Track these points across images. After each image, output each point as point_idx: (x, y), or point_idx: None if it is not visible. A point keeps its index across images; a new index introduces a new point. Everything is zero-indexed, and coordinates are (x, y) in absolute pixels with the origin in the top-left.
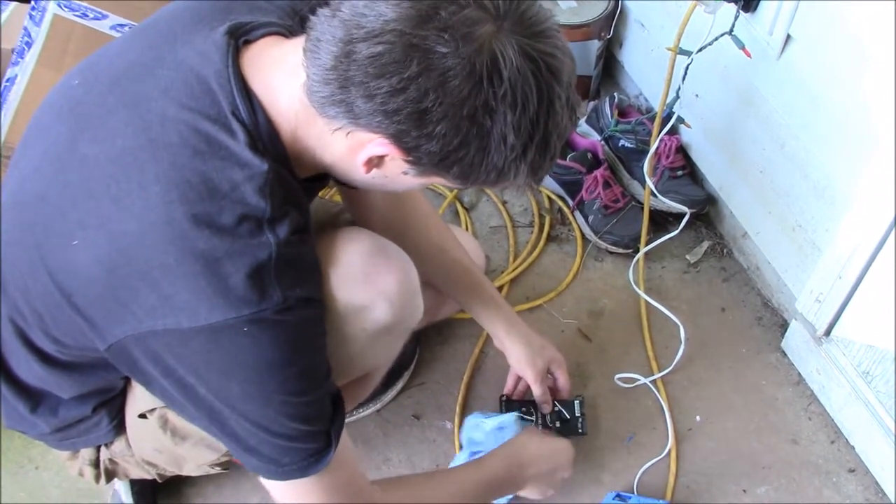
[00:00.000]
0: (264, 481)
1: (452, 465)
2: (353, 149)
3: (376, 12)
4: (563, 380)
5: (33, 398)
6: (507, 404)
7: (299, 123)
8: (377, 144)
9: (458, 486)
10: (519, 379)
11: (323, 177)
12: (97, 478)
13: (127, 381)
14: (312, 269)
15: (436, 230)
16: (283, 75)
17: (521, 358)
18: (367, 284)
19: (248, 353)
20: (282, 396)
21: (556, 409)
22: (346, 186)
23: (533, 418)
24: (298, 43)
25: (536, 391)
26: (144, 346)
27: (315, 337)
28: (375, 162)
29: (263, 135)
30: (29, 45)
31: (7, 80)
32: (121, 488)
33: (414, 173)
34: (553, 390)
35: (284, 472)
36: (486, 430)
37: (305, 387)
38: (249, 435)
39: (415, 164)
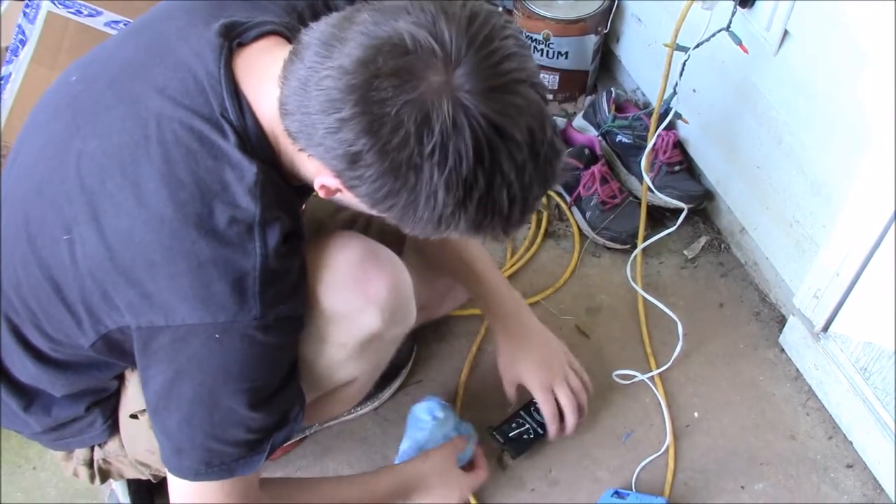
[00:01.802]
0: (170, 480)
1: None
2: (315, 171)
3: (345, 43)
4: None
5: (27, 396)
6: (498, 430)
7: (279, 134)
8: (327, 175)
9: (340, 496)
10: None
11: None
12: (91, 478)
13: (120, 381)
14: (298, 283)
15: None
16: (267, 85)
17: (503, 359)
18: (357, 291)
19: (212, 359)
20: (231, 405)
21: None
22: None
23: (526, 427)
24: (287, 51)
25: (545, 410)
26: (125, 336)
27: (282, 359)
28: (331, 190)
29: (252, 138)
30: (23, 42)
31: (1, 78)
32: (117, 488)
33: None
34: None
35: (210, 473)
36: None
37: (256, 401)
38: (184, 436)
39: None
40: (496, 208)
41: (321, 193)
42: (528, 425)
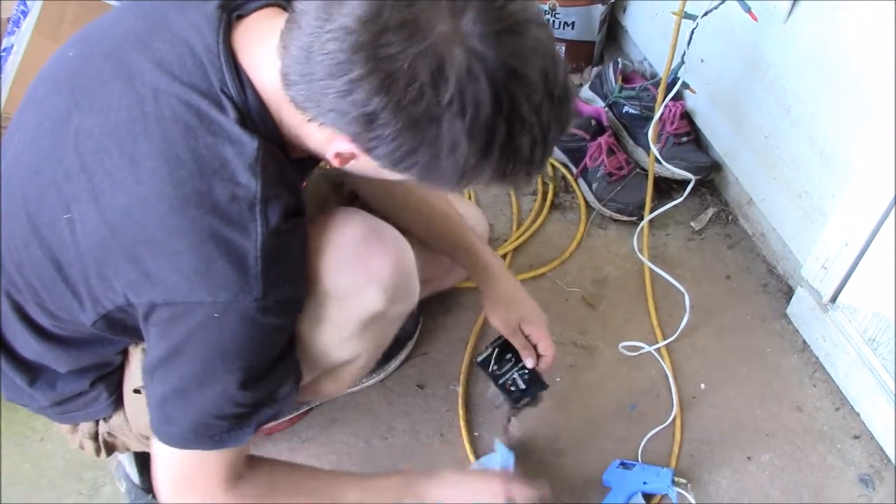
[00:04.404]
0: (156, 446)
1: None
2: (326, 140)
3: (343, 3)
4: (543, 343)
5: (31, 372)
6: (484, 363)
7: (282, 106)
8: (341, 140)
9: (335, 495)
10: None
11: (316, 157)
12: (97, 451)
13: (124, 356)
14: (301, 263)
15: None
16: (267, 56)
17: (493, 310)
18: (360, 269)
19: (209, 337)
20: (224, 383)
21: (512, 378)
22: None
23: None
24: (282, 21)
25: (514, 343)
26: (126, 314)
27: (278, 340)
28: (346, 156)
29: (253, 112)
30: (25, 13)
31: (4, 50)
32: (124, 459)
33: (385, 167)
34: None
35: (199, 443)
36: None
37: (249, 380)
38: (175, 407)
39: (379, 161)
40: (518, 153)
41: (335, 162)
42: (506, 377)
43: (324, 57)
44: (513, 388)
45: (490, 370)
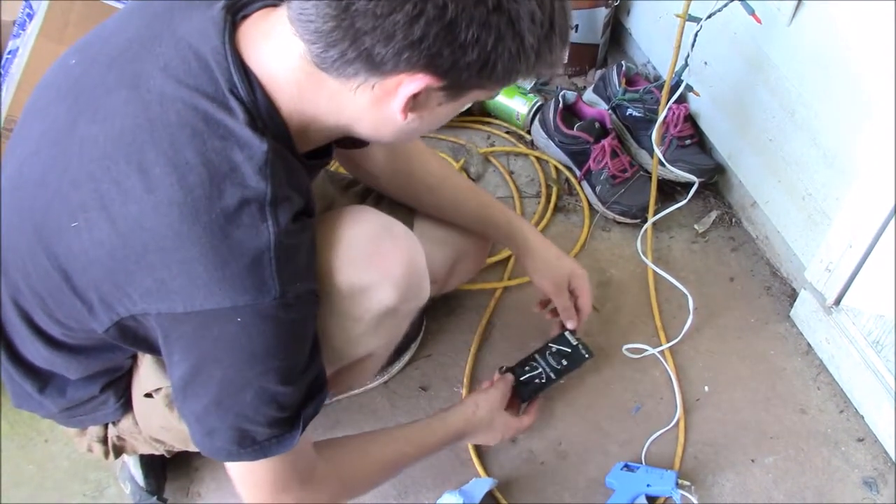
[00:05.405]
0: (229, 468)
1: None
2: (379, 100)
3: None
4: (584, 297)
5: (41, 379)
6: (511, 371)
7: (303, 93)
8: (409, 83)
9: (398, 452)
10: (548, 302)
11: (325, 152)
12: (106, 454)
13: (133, 360)
14: (311, 257)
15: (437, 162)
16: (274, 48)
17: (540, 272)
18: (372, 266)
19: (237, 342)
20: (261, 383)
21: (554, 349)
22: (346, 147)
23: (538, 371)
24: (282, 12)
25: (559, 304)
26: (138, 323)
27: (306, 333)
28: (411, 104)
29: (262, 112)
30: (30, 16)
31: (9, 53)
32: (130, 461)
33: (449, 99)
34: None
35: (244, 454)
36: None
37: (286, 377)
38: (214, 418)
39: (452, 87)
40: (566, 10)
41: (400, 118)
42: (540, 369)
43: (373, 3)
44: (530, 373)
45: (539, 361)
